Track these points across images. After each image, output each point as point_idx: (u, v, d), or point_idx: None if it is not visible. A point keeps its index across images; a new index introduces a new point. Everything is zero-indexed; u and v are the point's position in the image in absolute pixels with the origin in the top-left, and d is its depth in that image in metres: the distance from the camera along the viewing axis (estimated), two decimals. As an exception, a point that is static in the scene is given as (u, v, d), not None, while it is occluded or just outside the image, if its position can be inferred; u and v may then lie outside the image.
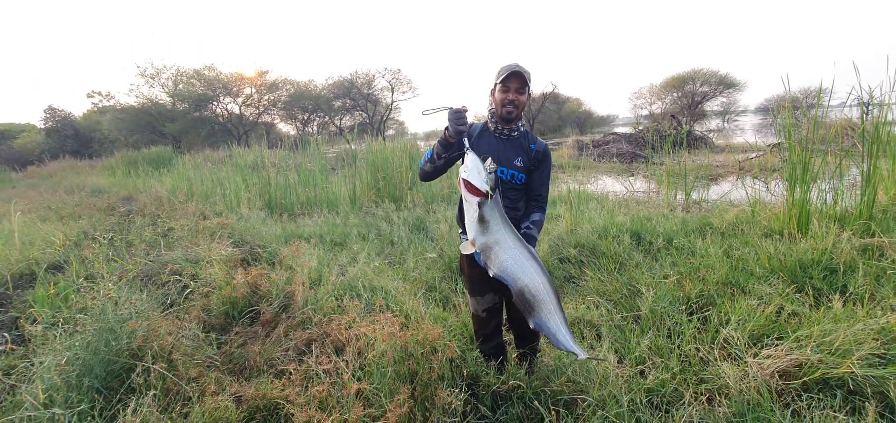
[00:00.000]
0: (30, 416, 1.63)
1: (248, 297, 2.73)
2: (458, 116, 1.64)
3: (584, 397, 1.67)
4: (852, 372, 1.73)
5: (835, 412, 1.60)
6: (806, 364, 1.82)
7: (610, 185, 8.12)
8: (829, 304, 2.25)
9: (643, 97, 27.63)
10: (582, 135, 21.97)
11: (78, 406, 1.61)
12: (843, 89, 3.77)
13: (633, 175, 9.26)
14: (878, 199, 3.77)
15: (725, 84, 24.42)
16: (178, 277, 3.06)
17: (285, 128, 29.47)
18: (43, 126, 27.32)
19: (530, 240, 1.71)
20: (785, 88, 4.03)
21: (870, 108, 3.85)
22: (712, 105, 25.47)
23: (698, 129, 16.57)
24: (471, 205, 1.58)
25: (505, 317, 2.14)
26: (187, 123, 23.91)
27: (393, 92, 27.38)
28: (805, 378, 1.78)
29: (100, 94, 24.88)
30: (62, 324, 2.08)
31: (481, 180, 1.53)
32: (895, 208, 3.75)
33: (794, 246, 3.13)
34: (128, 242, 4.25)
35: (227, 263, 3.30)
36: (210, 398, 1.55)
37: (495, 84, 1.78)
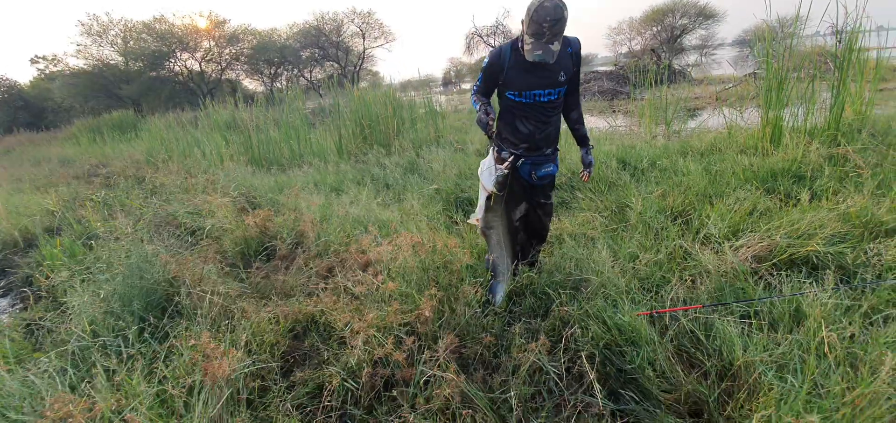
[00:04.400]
0: (80, 346, 1.73)
1: (260, 238, 2.81)
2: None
3: (587, 279, 1.89)
4: (816, 250, 2.00)
5: (800, 283, 1.87)
6: (776, 248, 2.08)
7: (593, 122, 8.26)
8: (797, 200, 2.51)
9: (623, 32, 27.23)
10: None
11: (123, 331, 1.72)
12: (821, 11, 3.89)
13: (615, 112, 9.40)
14: (846, 115, 4.04)
15: (704, 15, 24.29)
16: (185, 225, 3.10)
17: (252, 85, 27.87)
18: (-12, 99, 25.06)
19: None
20: (761, 17, 4.12)
21: (842, 34, 4.02)
22: (691, 39, 25.45)
23: (677, 64, 16.65)
24: (484, 190, 1.79)
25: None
26: (145, 83, 22.27)
27: (364, 39, 25.93)
28: (775, 260, 2.04)
29: (45, 58, 22.77)
30: (85, 271, 2.14)
31: (491, 182, 1.74)
32: (860, 122, 4.04)
33: (767, 159, 3.38)
34: (121, 202, 4.19)
35: (229, 210, 3.34)
36: (255, 314, 1.68)
37: (526, 32, 1.59)
